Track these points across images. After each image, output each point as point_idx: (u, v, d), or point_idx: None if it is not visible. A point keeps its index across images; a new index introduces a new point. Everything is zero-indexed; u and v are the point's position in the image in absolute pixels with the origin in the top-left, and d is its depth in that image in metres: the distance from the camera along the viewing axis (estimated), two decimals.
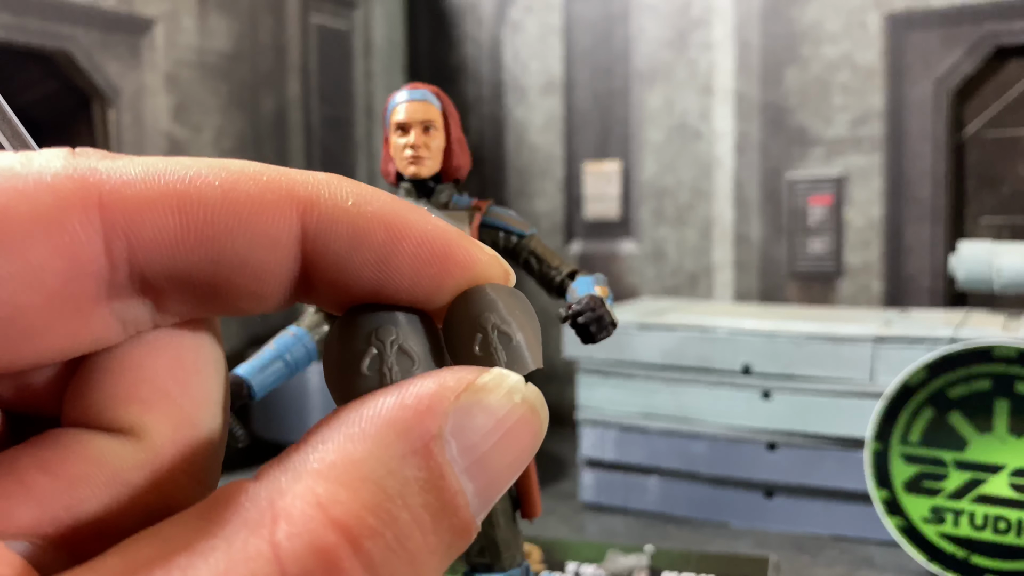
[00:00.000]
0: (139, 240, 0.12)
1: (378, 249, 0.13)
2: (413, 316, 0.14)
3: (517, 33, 1.50)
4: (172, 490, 0.14)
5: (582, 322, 0.49)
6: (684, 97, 1.37)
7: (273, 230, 0.13)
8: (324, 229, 0.13)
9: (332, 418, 0.13)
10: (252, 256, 0.13)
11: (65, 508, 0.12)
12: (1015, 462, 0.82)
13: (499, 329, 0.14)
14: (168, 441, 0.13)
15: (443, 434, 0.12)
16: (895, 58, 1.21)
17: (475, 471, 0.12)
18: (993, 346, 0.81)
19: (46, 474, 0.12)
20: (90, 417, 0.13)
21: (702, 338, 1.00)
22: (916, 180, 1.22)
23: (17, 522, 0.12)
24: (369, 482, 0.11)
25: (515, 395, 0.13)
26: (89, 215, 0.12)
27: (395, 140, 0.57)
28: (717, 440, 1.01)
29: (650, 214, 1.41)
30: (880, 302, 1.25)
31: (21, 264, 0.11)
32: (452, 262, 0.14)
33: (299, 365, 0.56)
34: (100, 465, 0.13)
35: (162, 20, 1.18)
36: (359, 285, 0.14)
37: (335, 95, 1.47)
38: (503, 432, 0.13)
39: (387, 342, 0.14)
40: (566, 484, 1.12)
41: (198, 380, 0.14)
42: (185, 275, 0.13)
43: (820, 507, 0.97)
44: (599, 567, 0.85)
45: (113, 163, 0.12)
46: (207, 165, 0.13)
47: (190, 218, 0.12)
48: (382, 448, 0.12)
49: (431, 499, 0.12)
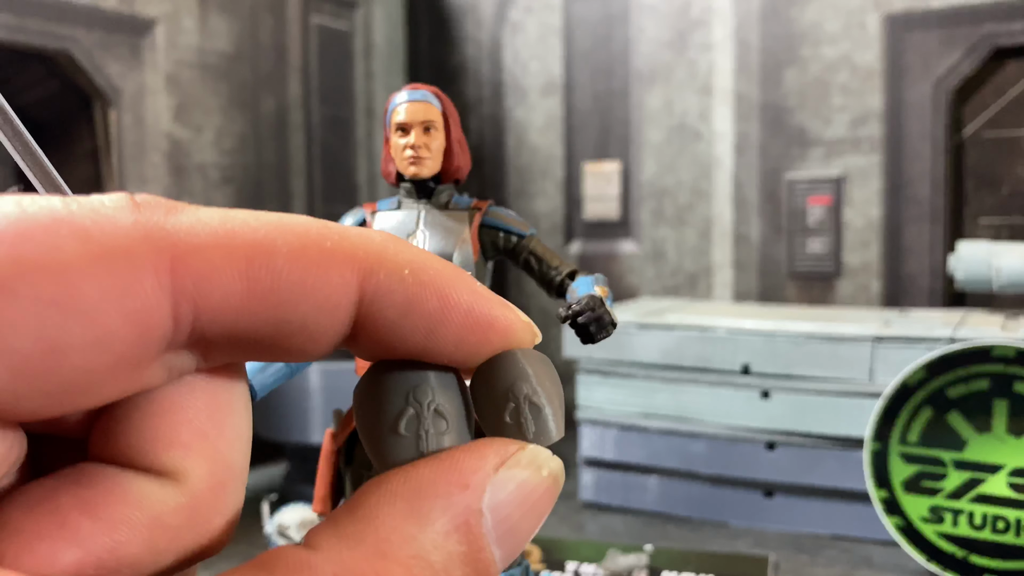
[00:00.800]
0: (206, 305, 0.12)
1: (429, 317, 0.14)
2: (446, 375, 0.15)
3: (517, 34, 1.51)
4: (206, 529, 0.14)
5: (582, 322, 0.49)
6: (684, 97, 1.37)
7: (335, 297, 0.13)
8: (381, 296, 0.14)
9: (378, 488, 0.13)
10: (312, 320, 0.13)
11: (108, 551, 0.13)
12: (1014, 462, 0.82)
13: (530, 400, 0.15)
14: (206, 484, 0.14)
15: (482, 509, 0.13)
16: (894, 59, 1.21)
17: (504, 540, 0.13)
18: (992, 346, 0.81)
19: (88, 516, 0.13)
20: (128, 457, 0.13)
21: (702, 338, 1.01)
22: (915, 180, 1.22)
23: (60, 565, 0.12)
24: (420, 559, 0.12)
25: (544, 470, 0.14)
26: (161, 280, 0.12)
27: (395, 140, 0.57)
28: (716, 440, 1.01)
29: (650, 214, 1.41)
30: (879, 302, 1.25)
31: (96, 331, 0.11)
32: (493, 330, 0.15)
33: (299, 365, 0.56)
34: (142, 508, 0.13)
35: (163, 20, 1.18)
36: (403, 346, 0.14)
37: (335, 95, 1.47)
38: (531, 504, 0.14)
39: (424, 403, 0.14)
40: (566, 484, 1.12)
41: (232, 420, 0.14)
42: (243, 335, 0.13)
43: (819, 507, 0.97)
44: (599, 566, 0.85)
45: (180, 219, 0.12)
46: (273, 225, 0.13)
47: (257, 285, 0.13)
48: (429, 524, 0.13)
49: (469, 570, 0.13)
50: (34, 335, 0.11)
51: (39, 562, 0.12)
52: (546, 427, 0.15)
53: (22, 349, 0.11)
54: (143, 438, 0.13)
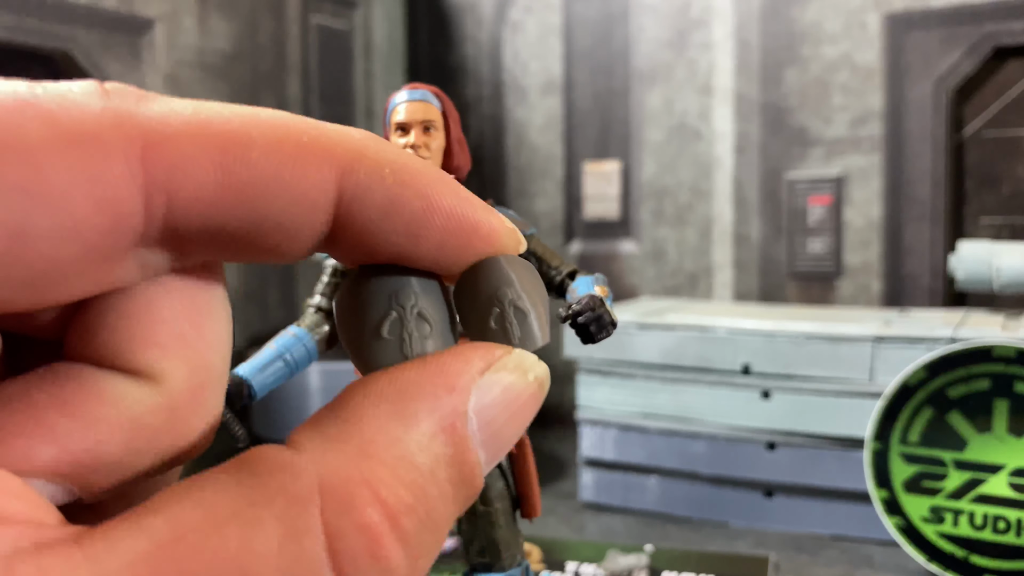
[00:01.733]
0: (179, 196, 0.12)
1: (410, 219, 0.14)
2: (428, 281, 0.15)
3: (517, 33, 1.50)
4: (185, 432, 0.14)
5: (582, 322, 0.49)
6: (684, 97, 1.37)
7: (312, 193, 0.13)
8: (360, 195, 0.13)
9: (363, 389, 0.13)
10: (288, 216, 0.13)
11: (84, 449, 0.12)
12: (1014, 462, 0.82)
13: (515, 305, 0.15)
14: (184, 384, 0.14)
15: (468, 412, 0.13)
16: (895, 58, 1.21)
17: (489, 443, 0.13)
18: (992, 346, 0.81)
19: (64, 414, 0.12)
20: (104, 357, 0.13)
21: (702, 338, 1.00)
22: (916, 180, 1.22)
23: (37, 462, 0.12)
24: (405, 460, 0.12)
25: (530, 374, 0.14)
26: (132, 167, 0.12)
27: (395, 140, 0.57)
28: (717, 440, 1.01)
29: (650, 214, 1.41)
30: (879, 302, 1.25)
31: (64, 218, 0.11)
32: (476, 235, 0.14)
33: (299, 365, 0.56)
34: (119, 407, 0.13)
35: (162, 20, 1.18)
36: (384, 249, 0.14)
37: (335, 95, 1.47)
38: (516, 408, 0.14)
39: (407, 306, 0.14)
40: (566, 484, 1.12)
41: (211, 322, 0.14)
42: (218, 230, 0.13)
43: (820, 507, 0.97)
44: (599, 567, 0.85)
45: (152, 107, 0.12)
46: (248, 117, 0.13)
47: (232, 177, 0.12)
48: (415, 426, 0.12)
49: (454, 472, 0.13)
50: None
51: (15, 458, 0.12)
52: (531, 332, 0.15)
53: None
54: (119, 338, 0.13)
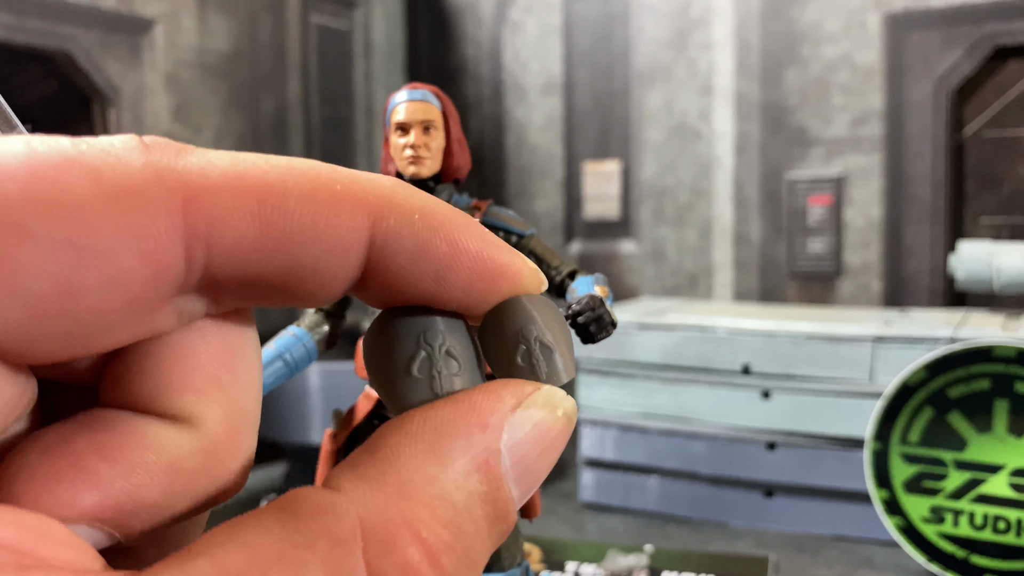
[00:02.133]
0: (218, 246, 0.12)
1: (438, 263, 0.14)
2: (454, 320, 0.15)
3: (517, 33, 1.50)
4: (221, 475, 0.14)
5: (582, 322, 0.49)
6: (684, 97, 1.37)
7: (346, 240, 0.13)
8: (391, 240, 0.14)
9: (398, 429, 0.13)
10: (323, 263, 0.13)
11: (125, 494, 0.13)
12: (1014, 462, 0.82)
13: (541, 342, 0.15)
14: (220, 428, 0.14)
15: (501, 449, 0.13)
16: (895, 58, 1.21)
17: (522, 479, 0.14)
18: (993, 346, 0.81)
19: (105, 460, 0.13)
20: (142, 402, 0.13)
21: (702, 338, 1.00)
22: (916, 180, 1.22)
23: (80, 507, 0.12)
24: (443, 499, 0.13)
25: (559, 409, 0.14)
26: (173, 221, 0.12)
27: (395, 140, 0.57)
28: (717, 440, 1.01)
29: (650, 214, 1.41)
30: (880, 302, 1.25)
31: (110, 272, 0.11)
32: (502, 277, 0.15)
33: (299, 365, 0.56)
34: (158, 452, 0.13)
35: (162, 20, 1.18)
36: (412, 292, 0.14)
37: (335, 95, 1.47)
38: (547, 444, 0.14)
39: (435, 345, 0.15)
40: (566, 484, 1.12)
41: (244, 365, 0.14)
42: (255, 277, 0.13)
43: (820, 507, 0.97)
44: (599, 567, 0.85)
45: (191, 160, 0.12)
46: (283, 167, 0.13)
47: (269, 227, 0.13)
48: (450, 465, 0.13)
49: (490, 509, 0.13)
50: (50, 276, 0.11)
51: (58, 504, 0.12)
52: (557, 368, 0.15)
53: (38, 290, 0.11)
54: (156, 383, 0.13)
